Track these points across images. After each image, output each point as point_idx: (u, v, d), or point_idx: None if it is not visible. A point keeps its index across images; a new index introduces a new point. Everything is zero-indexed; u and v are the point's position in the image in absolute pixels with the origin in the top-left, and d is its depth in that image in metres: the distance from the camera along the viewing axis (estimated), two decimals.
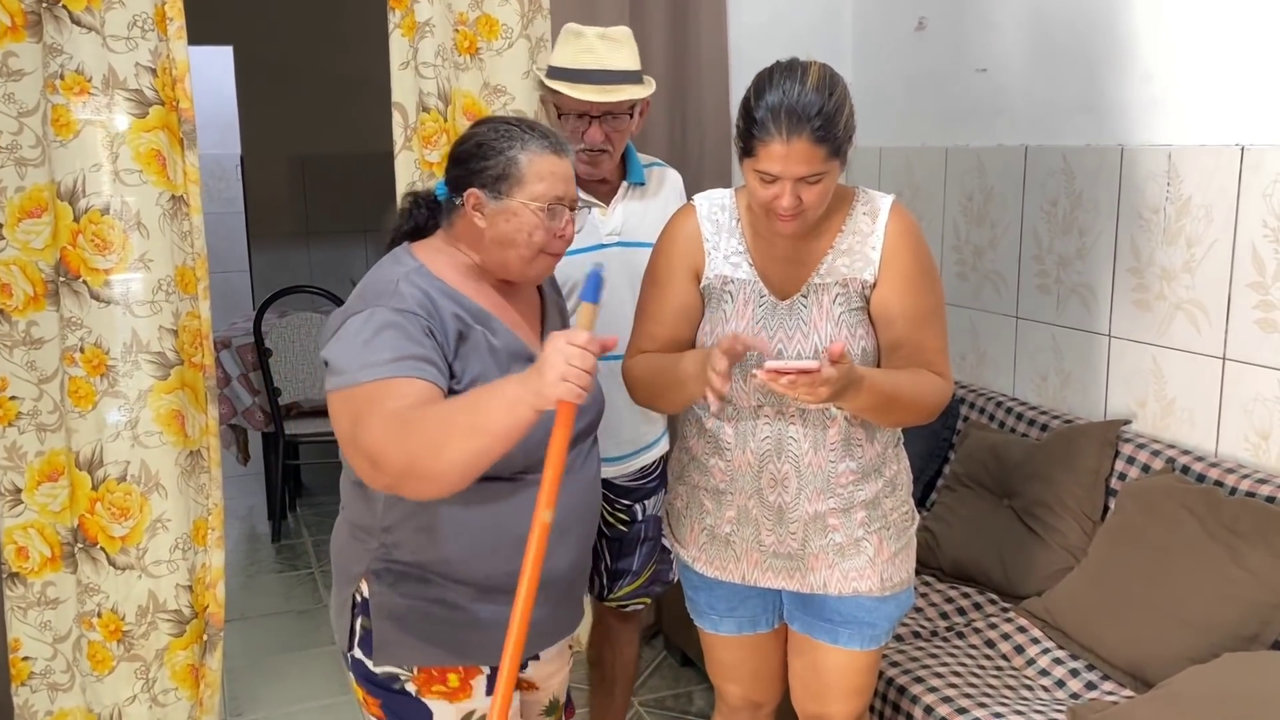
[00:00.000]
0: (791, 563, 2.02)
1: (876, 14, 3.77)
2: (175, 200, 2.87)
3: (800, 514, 1.98)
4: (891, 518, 2.03)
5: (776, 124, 1.77)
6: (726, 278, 1.99)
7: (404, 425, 1.60)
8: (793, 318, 1.94)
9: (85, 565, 2.92)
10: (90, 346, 2.84)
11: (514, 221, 1.81)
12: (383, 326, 1.71)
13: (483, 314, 1.83)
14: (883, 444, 2.01)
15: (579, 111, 2.33)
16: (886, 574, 2.03)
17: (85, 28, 2.73)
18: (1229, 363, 2.57)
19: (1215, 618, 2.24)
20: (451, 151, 1.90)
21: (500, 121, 1.88)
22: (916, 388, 1.90)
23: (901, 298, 1.92)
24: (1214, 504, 2.37)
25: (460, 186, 1.85)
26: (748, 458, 1.98)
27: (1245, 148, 2.49)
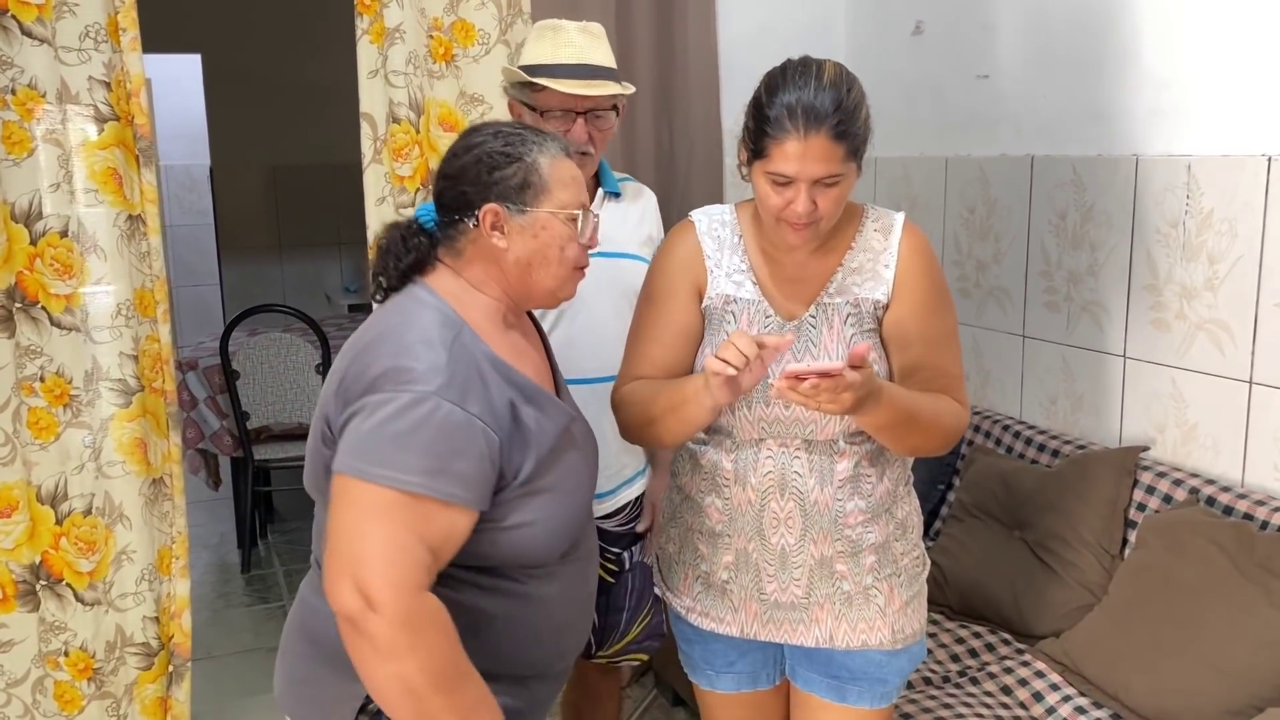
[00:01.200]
0: (795, 614, 1.86)
1: (871, 18, 3.62)
2: (133, 220, 2.74)
3: (805, 558, 1.82)
4: (902, 563, 1.88)
5: (793, 120, 1.65)
6: (729, 297, 1.84)
7: (438, 625, 1.45)
8: (801, 338, 1.80)
9: (49, 603, 2.78)
10: (51, 375, 2.71)
11: (543, 236, 1.61)
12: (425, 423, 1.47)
13: (534, 391, 1.61)
14: (893, 481, 1.86)
15: (564, 109, 2.16)
16: (898, 625, 1.87)
17: (37, 39, 2.57)
18: (1256, 386, 2.43)
19: (1252, 666, 2.10)
20: (445, 168, 1.66)
21: (502, 126, 1.67)
22: (936, 409, 1.78)
23: (918, 320, 1.81)
24: (1245, 540, 2.22)
25: (470, 204, 1.61)
26: (748, 495, 1.83)
27: (1273, 158, 2.36)
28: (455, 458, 1.47)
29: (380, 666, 1.44)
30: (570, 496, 1.64)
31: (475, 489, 1.49)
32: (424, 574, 1.45)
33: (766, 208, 1.73)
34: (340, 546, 1.46)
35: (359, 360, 1.55)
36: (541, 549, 1.61)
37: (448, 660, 1.46)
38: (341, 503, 1.48)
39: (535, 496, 1.58)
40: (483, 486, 1.51)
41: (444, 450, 1.47)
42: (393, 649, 1.42)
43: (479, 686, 1.50)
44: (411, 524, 1.45)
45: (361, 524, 1.45)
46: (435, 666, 1.44)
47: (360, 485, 1.46)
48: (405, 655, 1.42)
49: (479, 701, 1.49)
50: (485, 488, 1.51)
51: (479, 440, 1.49)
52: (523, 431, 1.57)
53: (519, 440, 1.56)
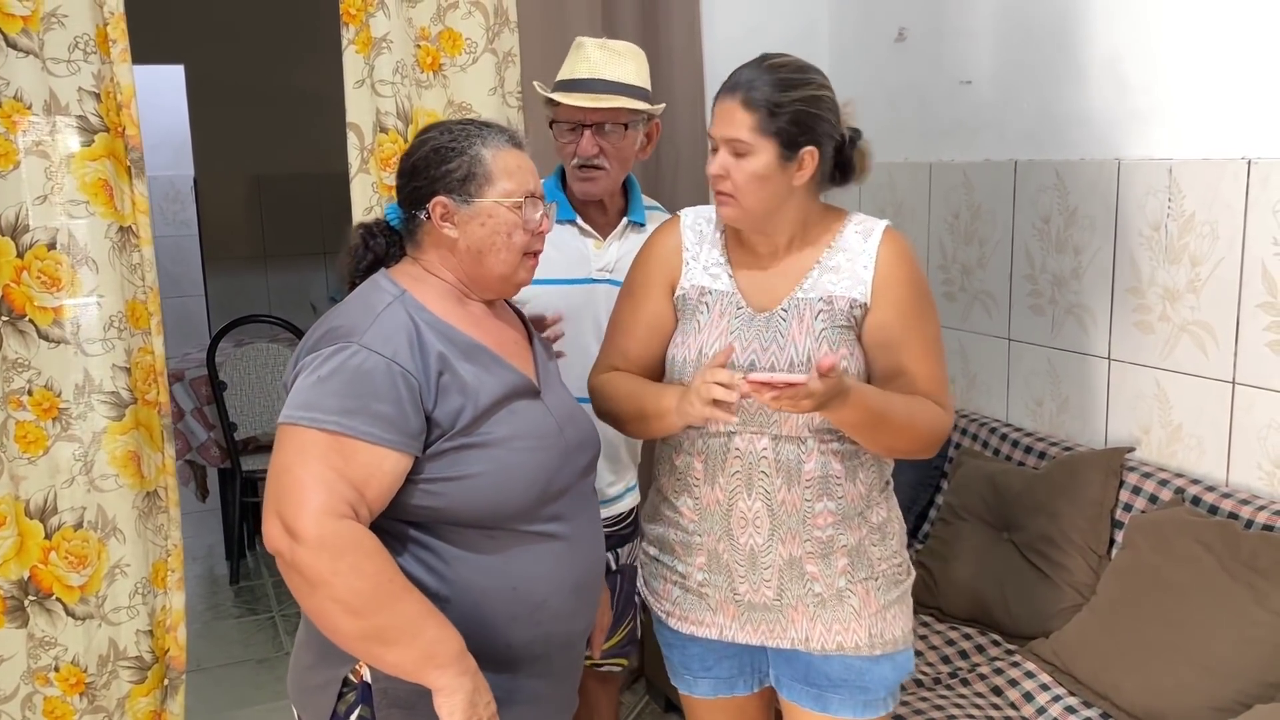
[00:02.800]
0: (770, 615, 1.87)
1: (854, 25, 3.65)
2: (124, 231, 2.73)
3: (774, 558, 1.84)
4: (880, 568, 1.88)
5: (726, 86, 1.81)
6: (704, 288, 1.91)
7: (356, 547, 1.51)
8: (770, 330, 1.84)
9: (39, 618, 2.75)
10: (39, 389, 2.69)
11: (490, 224, 1.70)
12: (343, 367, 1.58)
13: (474, 348, 1.69)
14: (866, 485, 1.87)
15: (570, 121, 2.23)
16: (876, 629, 1.87)
17: (22, 51, 2.56)
18: (1239, 387, 2.46)
19: (1239, 663, 2.12)
20: (402, 166, 1.76)
21: (451, 123, 1.77)
22: (911, 411, 1.79)
23: (899, 326, 1.83)
24: (1231, 539, 2.25)
25: (422, 198, 1.71)
26: (716, 494, 1.86)
27: (1252, 161, 2.39)
28: (373, 399, 1.55)
29: (311, 595, 1.52)
30: (521, 456, 1.66)
31: (396, 430, 1.56)
32: (344, 505, 1.52)
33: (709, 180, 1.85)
34: (270, 488, 1.55)
35: (310, 335, 1.68)
36: (489, 504, 1.64)
37: (376, 580, 1.51)
38: (277, 449, 1.58)
39: (478, 449, 1.63)
40: (404, 428, 1.57)
41: (362, 392, 1.56)
42: (318, 575, 1.49)
43: (418, 603, 1.54)
44: (331, 461, 1.53)
45: (288, 464, 1.54)
46: (363, 586, 1.50)
47: (288, 430, 1.56)
48: (330, 579, 1.49)
49: (419, 616, 1.53)
50: (407, 430, 1.57)
51: (397, 383, 1.57)
52: (456, 382, 1.63)
53: (452, 389, 1.62)
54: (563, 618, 1.74)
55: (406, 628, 1.52)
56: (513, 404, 1.68)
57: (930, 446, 1.86)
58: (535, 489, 1.67)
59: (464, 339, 1.68)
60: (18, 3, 2.54)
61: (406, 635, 1.52)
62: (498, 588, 1.66)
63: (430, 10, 2.89)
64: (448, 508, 1.63)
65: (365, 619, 1.51)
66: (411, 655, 1.52)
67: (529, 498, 1.66)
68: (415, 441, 1.59)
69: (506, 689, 1.67)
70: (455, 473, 1.62)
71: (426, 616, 1.54)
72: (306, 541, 1.49)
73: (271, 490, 1.55)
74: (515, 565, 1.68)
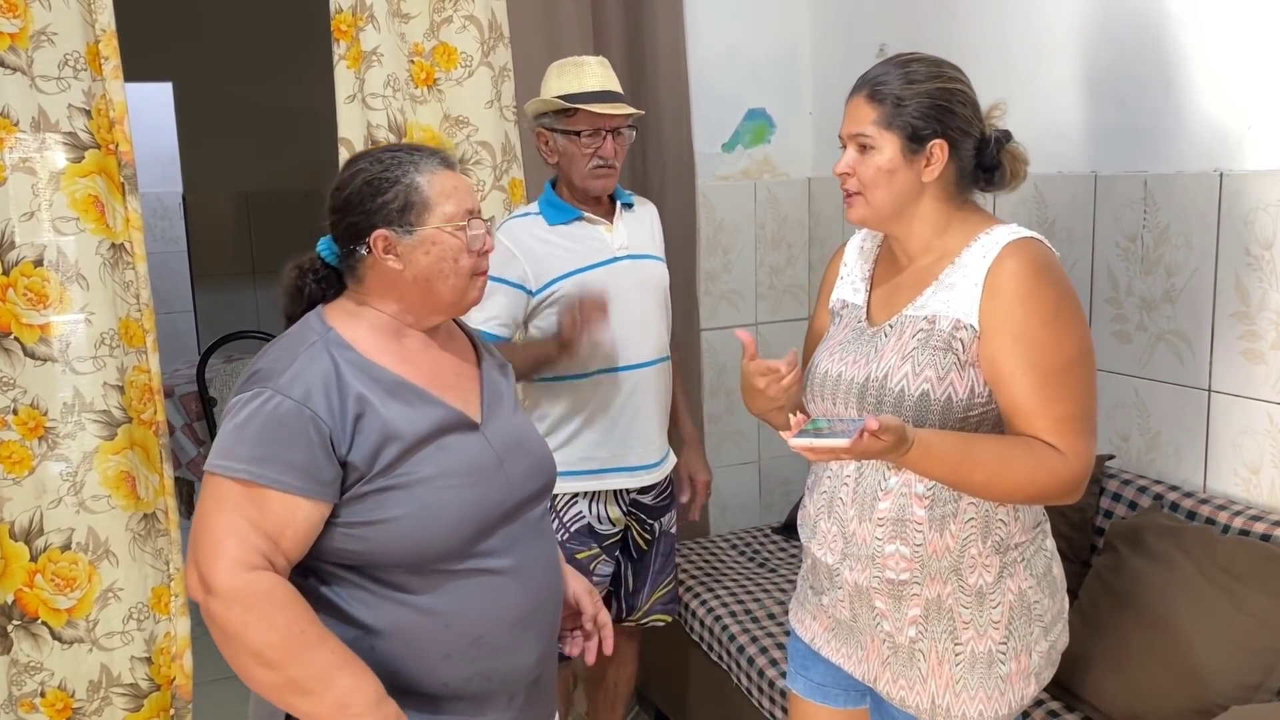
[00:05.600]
0: (852, 639, 1.86)
1: (836, 42, 3.69)
2: (116, 249, 2.72)
3: (844, 581, 1.81)
4: (964, 636, 1.73)
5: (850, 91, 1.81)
6: (845, 302, 1.95)
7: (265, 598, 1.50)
8: (870, 344, 1.80)
9: (23, 644, 2.73)
10: (25, 407, 2.67)
11: (435, 250, 1.65)
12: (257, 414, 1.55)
13: (399, 385, 1.64)
14: (959, 540, 1.71)
15: (595, 128, 2.53)
16: (942, 701, 1.76)
17: (9, 68, 2.58)
18: (1215, 395, 2.50)
19: (1217, 666, 2.15)
20: (334, 201, 1.70)
21: (379, 152, 1.72)
22: (1002, 460, 1.63)
23: (1012, 356, 1.65)
24: (1208, 544, 2.28)
25: (360, 233, 1.66)
26: (810, 510, 1.89)
27: (1224, 174, 2.43)
28: (284, 446, 1.54)
29: (225, 645, 1.52)
30: (447, 495, 1.62)
31: (308, 478, 1.54)
32: (256, 556, 1.52)
33: None
34: (190, 537, 1.57)
35: (241, 377, 1.66)
36: (412, 546, 1.60)
37: (286, 631, 1.50)
38: (199, 498, 1.58)
39: (399, 491, 1.60)
40: (316, 475, 1.55)
41: (273, 439, 1.54)
42: (229, 626, 1.50)
43: (331, 653, 1.53)
44: (245, 511, 1.53)
45: (205, 514, 1.55)
46: (273, 638, 1.50)
47: (208, 478, 1.56)
48: (241, 630, 1.49)
49: (331, 666, 1.52)
50: (319, 477, 1.55)
51: (308, 428, 1.55)
52: (376, 422, 1.59)
53: (370, 431, 1.59)
54: (503, 653, 1.69)
55: (318, 678, 1.50)
56: (442, 439, 1.64)
57: (1047, 496, 1.68)
58: (465, 528, 1.63)
59: (389, 377, 1.64)
60: (5, 21, 2.56)
61: (319, 686, 1.50)
62: (429, 626, 1.63)
63: (423, 26, 2.92)
64: (370, 551, 1.60)
65: (277, 670, 1.50)
66: (325, 705, 1.51)
67: (457, 537, 1.63)
68: (328, 488, 1.56)
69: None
70: (375, 516, 1.59)
71: (340, 667, 1.52)
72: (218, 593, 1.50)
73: (191, 540, 1.56)
74: (447, 602, 1.64)
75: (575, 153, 2.56)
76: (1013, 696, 1.78)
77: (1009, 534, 1.76)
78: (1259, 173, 2.36)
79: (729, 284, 3.78)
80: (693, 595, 3.10)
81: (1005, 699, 1.77)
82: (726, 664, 2.88)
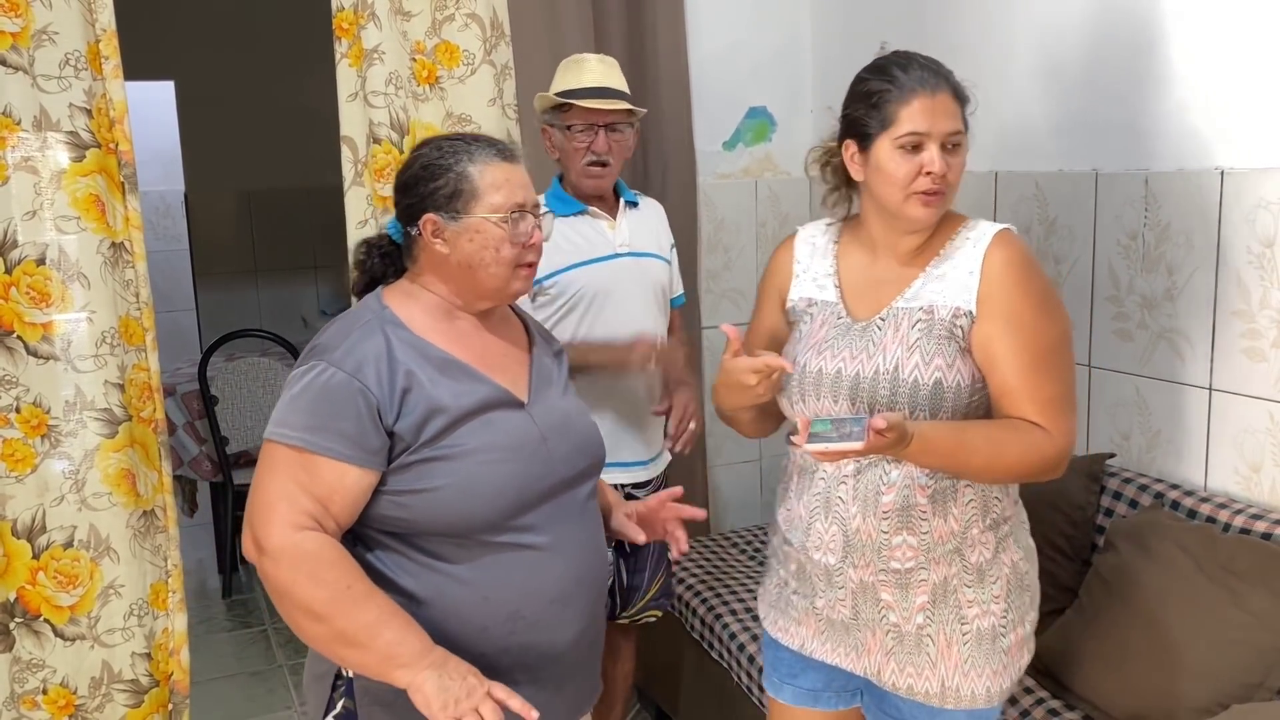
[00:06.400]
0: (849, 637, 1.86)
1: (837, 39, 3.69)
2: (116, 247, 2.72)
3: (846, 580, 1.81)
4: (971, 614, 1.78)
5: (921, 82, 1.72)
6: (811, 299, 1.92)
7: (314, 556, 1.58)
8: (863, 339, 1.80)
9: (26, 641, 2.73)
10: (28, 405, 2.67)
11: (477, 239, 1.72)
12: (311, 385, 1.65)
13: (447, 362, 1.72)
14: (962, 522, 1.76)
15: (587, 123, 2.56)
16: (951, 682, 1.79)
17: (11, 67, 2.58)
18: (1216, 393, 2.50)
19: (1217, 665, 2.15)
20: (396, 181, 1.80)
21: (442, 139, 1.80)
22: (996, 443, 1.70)
23: (1006, 340, 1.72)
24: (1209, 542, 2.28)
25: (414, 215, 1.75)
26: (800, 510, 1.87)
27: (1225, 171, 2.43)
28: (335, 416, 1.62)
29: (279, 602, 1.61)
30: (489, 469, 1.68)
31: (356, 446, 1.62)
32: (305, 518, 1.60)
33: (896, 182, 1.74)
34: (248, 500, 1.66)
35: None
36: (455, 515, 1.67)
37: (334, 588, 1.57)
38: (258, 463, 1.68)
39: (443, 462, 1.67)
40: (364, 444, 1.63)
41: (325, 409, 1.63)
42: (280, 583, 1.59)
43: (377, 608, 1.59)
44: (296, 476, 1.61)
45: (260, 478, 1.65)
46: (321, 594, 1.57)
47: (266, 445, 1.66)
48: (291, 587, 1.58)
49: (377, 621, 1.58)
50: (367, 446, 1.63)
51: (357, 400, 1.63)
52: (423, 396, 1.67)
53: (417, 404, 1.66)
54: (540, 629, 1.74)
55: (365, 631, 1.58)
56: (487, 415, 1.71)
57: (1035, 474, 1.75)
58: (504, 500, 1.69)
59: (438, 354, 1.72)
60: (7, 20, 2.56)
61: (366, 638, 1.58)
62: (469, 597, 1.69)
63: (425, 24, 2.92)
64: (415, 519, 1.68)
65: (326, 624, 1.58)
66: (373, 657, 1.59)
67: (497, 509, 1.68)
68: (375, 457, 1.64)
69: None
70: (420, 485, 1.66)
71: (386, 621, 1.59)
72: (269, 553, 1.59)
73: (249, 504, 1.65)
74: (487, 575, 1.70)
75: (570, 148, 2.60)
76: (1014, 669, 1.84)
77: (1003, 510, 1.83)
78: (1260, 170, 2.36)
79: (730, 282, 3.78)
80: (693, 593, 3.10)
81: (1008, 672, 1.83)
82: (726, 662, 2.88)
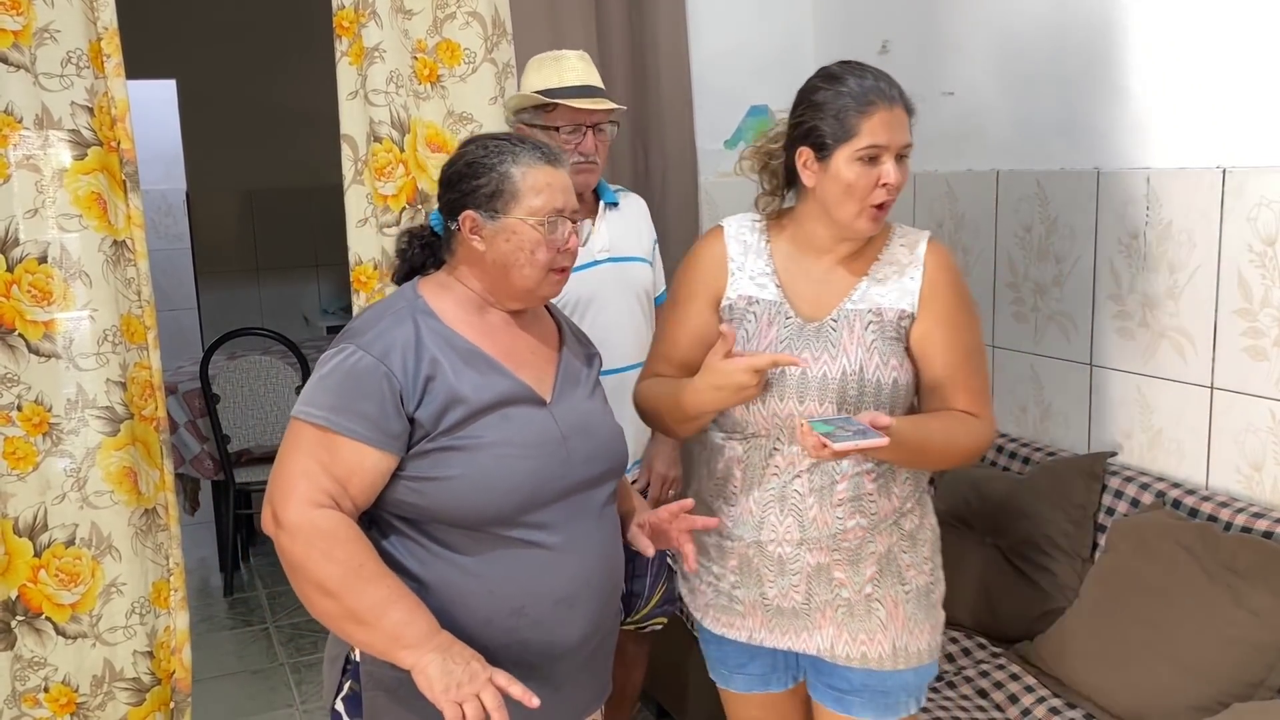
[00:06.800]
0: (799, 620, 1.91)
1: (839, 39, 3.69)
2: (118, 246, 2.71)
3: (802, 565, 1.87)
4: (909, 575, 1.91)
5: (880, 95, 1.78)
6: (751, 298, 1.92)
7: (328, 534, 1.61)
8: (820, 340, 1.85)
9: (28, 639, 2.71)
10: (29, 404, 2.66)
11: (514, 240, 1.73)
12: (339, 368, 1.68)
13: (473, 354, 1.73)
14: (900, 498, 1.90)
15: (575, 123, 2.47)
16: (901, 642, 1.90)
17: (13, 65, 2.57)
18: (1217, 392, 2.50)
19: (1218, 663, 2.15)
20: (442, 175, 1.82)
21: (489, 138, 1.82)
22: (949, 435, 1.84)
23: (942, 335, 1.87)
24: (1210, 541, 2.28)
25: (454, 210, 1.77)
26: (750, 505, 1.90)
27: (1227, 170, 2.43)
28: (359, 398, 1.65)
29: (292, 576, 1.64)
30: (504, 463, 1.69)
31: (376, 429, 1.64)
32: (323, 495, 1.63)
33: (854, 193, 1.79)
34: (271, 475, 1.69)
35: None
36: (468, 505, 1.68)
37: (346, 565, 1.60)
38: (282, 441, 1.71)
39: (460, 452, 1.68)
40: (385, 428, 1.65)
41: (350, 391, 1.65)
42: (294, 558, 1.62)
43: (387, 589, 1.62)
44: (317, 454, 1.64)
45: (284, 454, 1.68)
46: (333, 571, 1.60)
47: (292, 424, 1.69)
48: (305, 562, 1.61)
49: (386, 601, 1.61)
50: (388, 430, 1.65)
51: (381, 384, 1.65)
52: (445, 386, 1.68)
53: (436, 393, 1.68)
54: (543, 628, 1.74)
55: (373, 610, 1.60)
56: (506, 410, 1.72)
57: (970, 459, 1.91)
58: (517, 496, 1.69)
59: (465, 345, 1.73)
60: (9, 18, 2.55)
61: (373, 618, 1.60)
62: (475, 589, 1.70)
63: (426, 22, 2.90)
64: (428, 505, 1.69)
65: (336, 600, 1.61)
66: (379, 636, 1.61)
67: (509, 504, 1.69)
68: (395, 441, 1.66)
69: None
70: (435, 473, 1.68)
71: (394, 602, 1.61)
72: (285, 527, 1.62)
73: (271, 478, 1.68)
74: (494, 569, 1.71)
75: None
76: (940, 621, 1.98)
77: (923, 480, 1.98)
78: (1262, 169, 2.36)
79: None
80: None
81: (938, 625, 1.97)
82: None
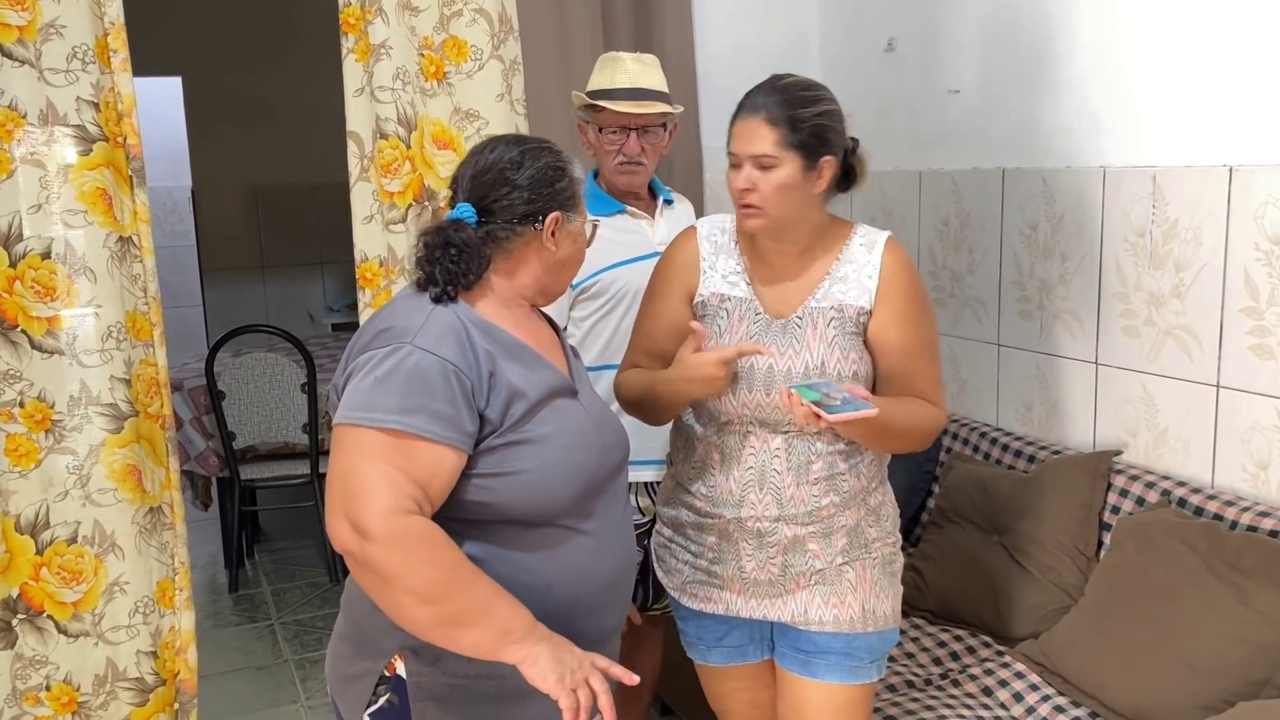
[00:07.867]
0: (773, 590, 2.00)
1: (844, 36, 3.69)
2: (124, 242, 2.70)
3: (779, 538, 1.96)
4: (874, 548, 2.02)
5: (744, 105, 1.93)
6: (723, 295, 2.03)
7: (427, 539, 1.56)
8: (786, 335, 1.97)
9: (29, 637, 2.70)
10: (32, 400, 2.65)
11: (579, 242, 1.82)
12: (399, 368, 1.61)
13: (519, 347, 1.73)
14: (867, 477, 2.01)
15: (619, 125, 2.54)
16: (869, 604, 2.00)
17: (18, 60, 2.56)
18: (1223, 390, 2.49)
19: (1224, 662, 2.14)
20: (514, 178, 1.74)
21: (547, 143, 1.82)
22: (910, 417, 1.94)
23: (898, 330, 1.97)
24: (1216, 540, 2.28)
25: (535, 211, 1.74)
26: (730, 485, 1.99)
27: (1234, 168, 2.42)
28: (430, 398, 1.59)
29: (384, 589, 1.56)
30: (564, 454, 1.70)
31: (453, 427, 1.60)
32: (409, 502, 1.56)
33: (731, 195, 1.95)
34: (335, 488, 1.59)
35: (360, 338, 1.72)
36: (537, 499, 1.68)
37: (448, 569, 1.56)
38: (337, 450, 1.61)
39: (525, 446, 1.67)
40: (460, 425, 1.60)
41: (418, 391, 1.59)
42: (390, 570, 1.54)
43: (487, 585, 1.59)
44: (394, 460, 1.57)
45: (352, 465, 1.58)
46: (436, 576, 1.55)
47: (349, 431, 1.60)
48: (403, 572, 1.54)
49: (490, 598, 1.58)
50: (463, 427, 1.61)
51: (451, 381, 1.61)
52: (504, 380, 1.67)
53: (500, 388, 1.66)
54: (594, 614, 1.78)
55: (478, 610, 1.57)
56: (555, 402, 1.73)
57: (926, 443, 2.01)
58: (579, 485, 1.72)
59: (509, 339, 1.73)
60: (14, 13, 2.54)
61: (479, 617, 1.57)
62: (535, 586, 1.69)
63: (433, 19, 2.90)
64: (498, 503, 1.67)
65: (439, 606, 1.56)
66: (488, 635, 1.57)
67: (573, 493, 1.71)
68: (469, 439, 1.63)
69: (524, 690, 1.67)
70: (506, 468, 1.66)
71: (497, 597, 1.59)
72: (377, 539, 1.53)
73: (336, 491, 1.59)
74: (553, 563, 1.71)
75: (601, 148, 2.61)
76: (900, 592, 2.09)
77: (885, 460, 2.08)
78: (1269, 167, 2.35)
79: None
80: None
81: (899, 595, 2.08)
82: None
